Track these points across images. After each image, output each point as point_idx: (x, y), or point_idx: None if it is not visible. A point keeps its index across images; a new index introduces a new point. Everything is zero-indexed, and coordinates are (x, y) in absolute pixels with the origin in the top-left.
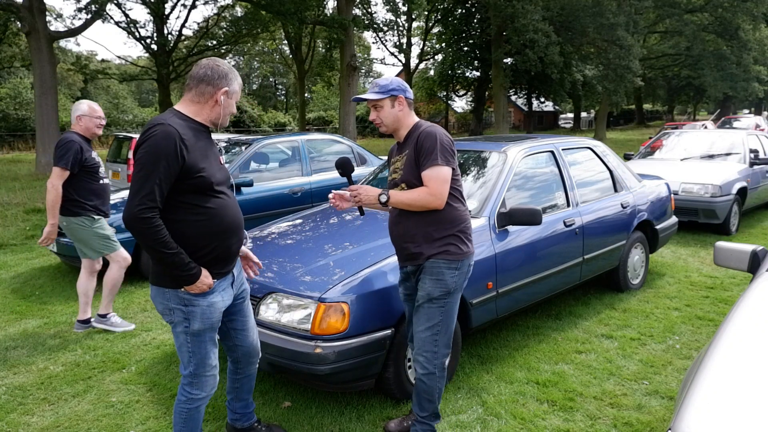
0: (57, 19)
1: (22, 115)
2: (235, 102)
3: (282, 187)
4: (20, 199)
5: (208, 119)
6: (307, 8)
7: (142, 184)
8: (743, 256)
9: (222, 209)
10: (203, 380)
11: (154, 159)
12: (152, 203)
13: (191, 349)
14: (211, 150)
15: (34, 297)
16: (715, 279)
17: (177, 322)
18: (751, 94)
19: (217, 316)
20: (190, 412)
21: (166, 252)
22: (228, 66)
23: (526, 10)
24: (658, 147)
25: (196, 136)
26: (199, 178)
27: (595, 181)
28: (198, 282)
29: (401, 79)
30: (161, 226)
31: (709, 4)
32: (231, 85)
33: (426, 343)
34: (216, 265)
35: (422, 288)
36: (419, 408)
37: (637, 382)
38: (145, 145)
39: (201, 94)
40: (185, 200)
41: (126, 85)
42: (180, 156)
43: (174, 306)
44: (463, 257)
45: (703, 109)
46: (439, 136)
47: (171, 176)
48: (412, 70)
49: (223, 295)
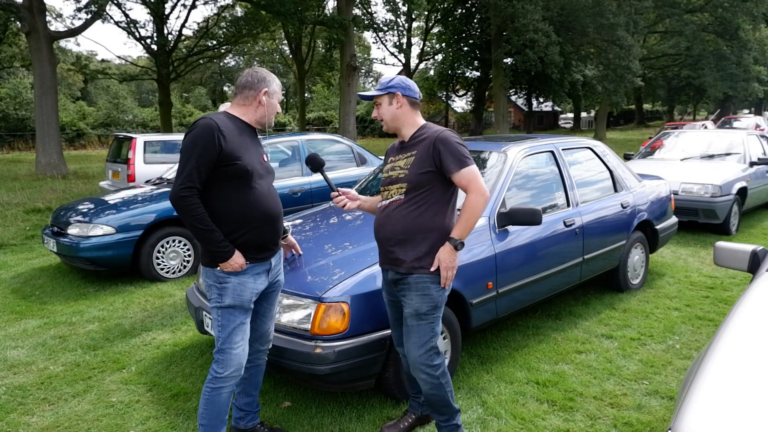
0: (57, 19)
1: (22, 115)
2: (277, 101)
3: (282, 187)
4: (20, 199)
5: (254, 119)
6: (307, 8)
7: (183, 167)
8: (743, 256)
9: (257, 198)
10: (228, 357)
11: (193, 146)
12: (191, 184)
13: (221, 322)
14: (254, 146)
15: (34, 297)
16: (715, 279)
17: (213, 298)
18: (751, 94)
19: (247, 295)
20: (213, 393)
21: (203, 228)
22: (266, 71)
23: (526, 10)
24: (658, 147)
25: (239, 131)
26: (235, 165)
27: (595, 181)
28: (231, 260)
29: (405, 77)
30: (199, 205)
31: (709, 4)
32: (270, 85)
33: (423, 360)
34: (249, 249)
35: (409, 305)
36: (439, 414)
37: (637, 382)
38: (188, 135)
39: (245, 98)
40: (223, 187)
41: (126, 85)
42: (218, 143)
43: (211, 283)
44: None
45: (703, 109)
46: (457, 140)
47: (209, 161)
48: (412, 70)
49: (256, 278)
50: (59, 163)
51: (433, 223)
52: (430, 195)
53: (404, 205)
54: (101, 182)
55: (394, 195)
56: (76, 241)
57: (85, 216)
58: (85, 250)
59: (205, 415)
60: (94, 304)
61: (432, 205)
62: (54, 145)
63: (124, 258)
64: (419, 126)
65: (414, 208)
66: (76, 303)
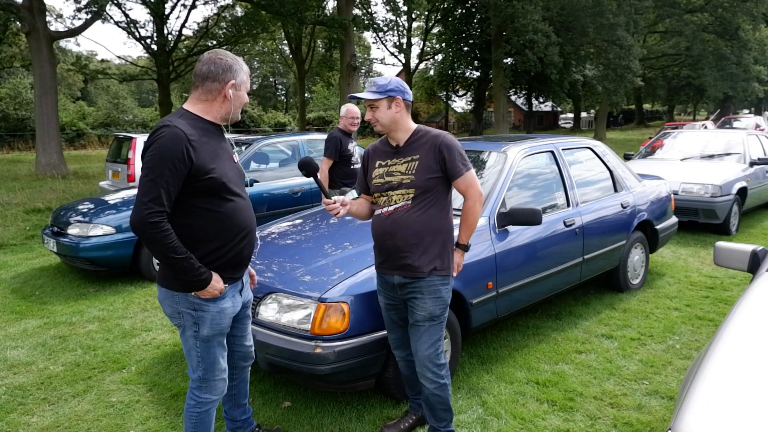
0: (57, 19)
1: (22, 115)
2: (245, 92)
3: (282, 187)
4: (20, 199)
5: (219, 116)
6: (307, 8)
7: (150, 188)
8: (743, 256)
9: (234, 212)
10: (213, 384)
11: (160, 162)
12: (160, 207)
13: (200, 354)
14: (223, 149)
15: (34, 297)
16: (715, 279)
17: (186, 326)
18: (751, 94)
19: (226, 322)
20: (201, 415)
21: (175, 257)
22: (231, 57)
23: (526, 10)
24: (658, 147)
25: (205, 136)
26: (209, 180)
27: (595, 181)
28: (209, 287)
29: (401, 79)
30: (169, 231)
31: (709, 4)
32: (237, 76)
33: (431, 359)
34: (227, 269)
35: (421, 308)
36: (437, 420)
37: (637, 382)
38: (151, 148)
39: (208, 91)
40: (196, 203)
41: (126, 85)
42: (187, 158)
43: (183, 310)
44: (451, 270)
45: (703, 109)
46: (457, 143)
47: (179, 179)
48: (412, 70)
49: (233, 300)
50: (59, 163)
51: (441, 225)
52: (436, 199)
53: (413, 210)
54: (101, 182)
55: (398, 201)
56: (76, 241)
57: (85, 216)
58: (85, 250)
59: None
60: (94, 304)
61: (438, 207)
62: (54, 145)
63: (124, 258)
64: (413, 130)
65: (422, 213)
66: (76, 303)
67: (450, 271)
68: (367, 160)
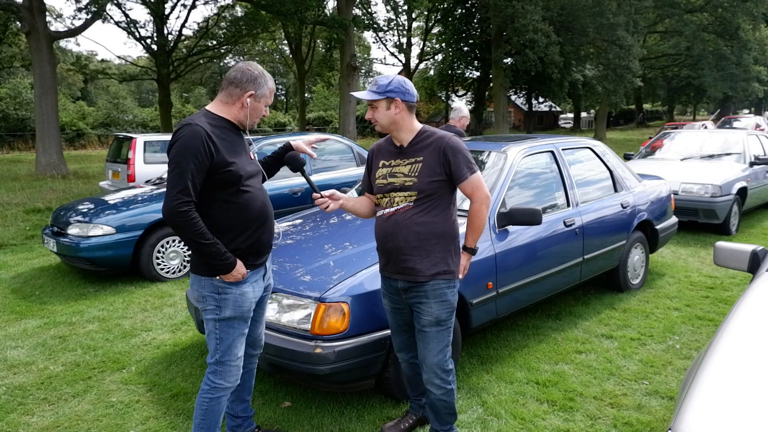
0: (57, 19)
1: (22, 115)
2: (264, 105)
3: (282, 187)
4: (20, 199)
5: (236, 119)
6: (307, 8)
7: (177, 180)
8: (743, 256)
9: (250, 202)
10: (228, 369)
11: (184, 157)
12: (188, 197)
13: (219, 335)
14: (241, 145)
15: (34, 297)
16: (715, 279)
17: (209, 309)
18: (751, 94)
19: (247, 306)
20: (212, 402)
21: (204, 243)
22: (260, 70)
23: (526, 10)
24: (658, 147)
25: (224, 133)
26: (228, 172)
27: (595, 181)
28: (233, 271)
29: (404, 77)
30: (197, 218)
31: (709, 4)
32: (259, 89)
33: (440, 366)
34: (249, 256)
35: (427, 312)
36: (440, 423)
37: (637, 382)
38: (175, 145)
39: (229, 95)
40: (216, 196)
41: (126, 85)
42: (208, 152)
43: (207, 294)
44: (456, 273)
45: (703, 109)
46: (463, 146)
47: (202, 172)
48: (412, 70)
49: (254, 286)
50: (59, 163)
51: (444, 228)
52: (439, 201)
53: (415, 212)
54: (101, 182)
55: (400, 203)
56: (76, 241)
57: (85, 216)
58: (85, 250)
59: (202, 425)
60: (94, 304)
61: (441, 210)
62: (54, 145)
63: (124, 258)
64: (417, 130)
65: (425, 215)
66: (76, 303)
67: (456, 274)
68: (372, 158)
